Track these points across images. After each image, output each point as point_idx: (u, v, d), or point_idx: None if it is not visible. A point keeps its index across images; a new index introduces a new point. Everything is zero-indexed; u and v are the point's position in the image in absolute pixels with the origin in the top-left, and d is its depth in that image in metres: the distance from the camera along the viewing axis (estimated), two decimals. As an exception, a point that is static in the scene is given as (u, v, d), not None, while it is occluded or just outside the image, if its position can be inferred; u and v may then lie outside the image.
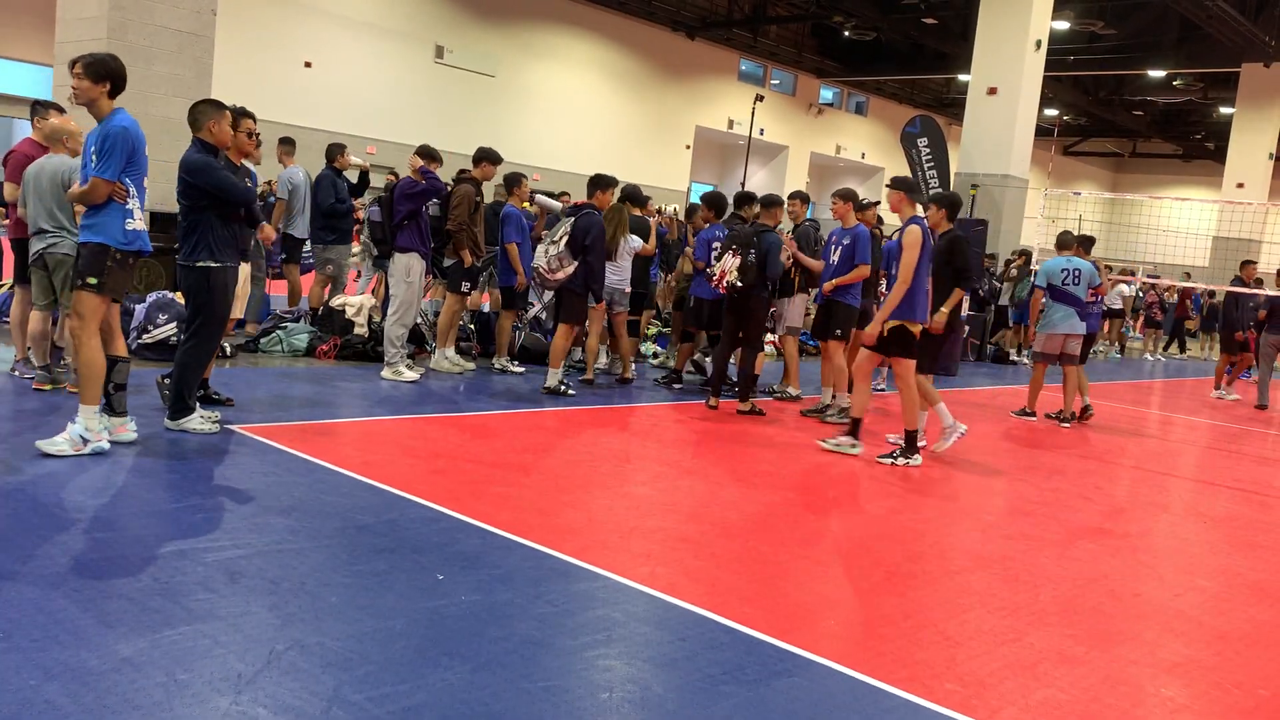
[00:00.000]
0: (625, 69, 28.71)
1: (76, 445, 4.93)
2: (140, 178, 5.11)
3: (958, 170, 16.66)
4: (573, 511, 4.90)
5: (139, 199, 5.09)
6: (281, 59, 21.54)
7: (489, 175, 8.64)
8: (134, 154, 5.03)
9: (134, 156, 5.03)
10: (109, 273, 5.03)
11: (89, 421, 4.98)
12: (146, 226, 5.19)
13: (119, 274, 5.09)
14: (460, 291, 8.68)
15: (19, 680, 2.74)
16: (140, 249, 5.15)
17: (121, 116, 5.04)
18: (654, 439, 6.88)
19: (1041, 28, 16.61)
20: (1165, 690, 3.49)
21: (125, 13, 9.48)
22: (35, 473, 4.61)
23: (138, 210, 5.09)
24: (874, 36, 29.40)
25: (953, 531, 5.29)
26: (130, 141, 4.99)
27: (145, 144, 5.13)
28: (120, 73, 5.09)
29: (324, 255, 9.88)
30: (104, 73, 4.99)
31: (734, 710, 3.00)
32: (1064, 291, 9.39)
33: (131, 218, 5.06)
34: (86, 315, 5.01)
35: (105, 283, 5.03)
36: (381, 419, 6.63)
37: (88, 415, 4.98)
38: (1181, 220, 22.51)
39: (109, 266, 5.03)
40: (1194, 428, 10.73)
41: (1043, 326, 9.58)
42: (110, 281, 5.05)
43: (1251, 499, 7.02)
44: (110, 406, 5.24)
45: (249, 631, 3.17)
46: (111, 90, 5.04)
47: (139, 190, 5.09)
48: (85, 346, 5.01)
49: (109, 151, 4.93)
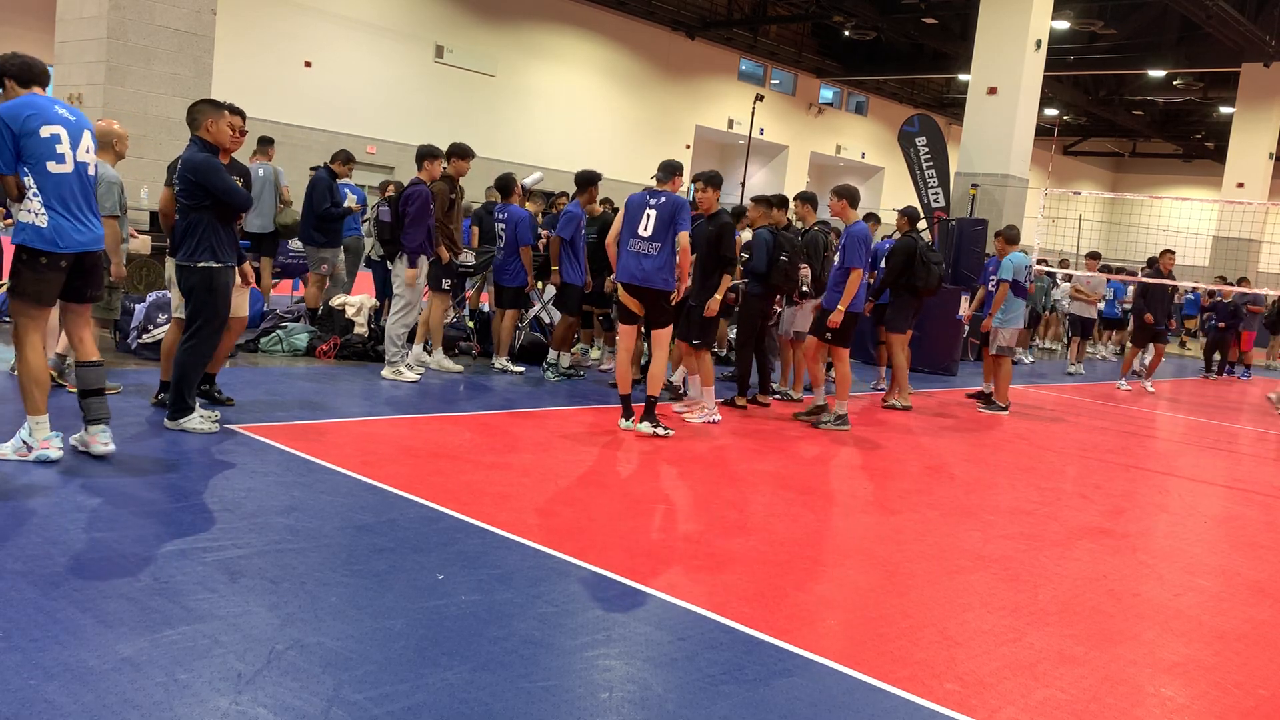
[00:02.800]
0: (625, 69, 28.71)
1: (20, 451, 4.74)
2: (36, 164, 4.58)
3: (958, 170, 16.65)
4: (573, 511, 4.90)
5: (42, 190, 4.59)
6: (281, 59, 21.54)
7: (462, 171, 8.56)
8: (19, 139, 4.54)
9: (22, 143, 4.55)
10: (19, 275, 4.66)
11: (35, 430, 4.75)
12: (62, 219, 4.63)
13: (30, 276, 4.65)
14: (442, 289, 8.69)
15: (19, 680, 2.74)
16: (40, 247, 4.61)
17: (4, 103, 4.61)
18: (653, 439, 6.88)
19: (1041, 28, 16.60)
20: (1165, 690, 3.50)
21: (125, 13, 9.49)
22: (35, 473, 4.61)
23: (32, 204, 4.58)
24: (874, 36, 29.39)
25: (953, 531, 5.29)
26: (2, 126, 4.51)
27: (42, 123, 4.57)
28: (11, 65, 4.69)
29: (318, 255, 9.89)
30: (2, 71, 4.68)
31: (733, 710, 3.00)
32: (1023, 287, 9.91)
33: (24, 209, 4.59)
34: (16, 319, 4.74)
35: (14, 285, 4.67)
36: (381, 419, 6.63)
37: (33, 424, 4.75)
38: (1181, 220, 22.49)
39: (18, 268, 4.67)
40: (1195, 427, 10.73)
41: (1008, 322, 9.88)
42: (20, 285, 4.65)
43: (1251, 499, 7.02)
44: (84, 415, 4.92)
45: (249, 631, 3.18)
46: (19, 82, 4.67)
47: (39, 180, 4.59)
48: (19, 353, 4.76)
49: None
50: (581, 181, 8.96)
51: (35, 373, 4.76)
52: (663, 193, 7.03)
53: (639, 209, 7.05)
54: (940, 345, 12.64)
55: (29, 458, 4.76)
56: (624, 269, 7.10)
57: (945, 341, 12.71)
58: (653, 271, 6.98)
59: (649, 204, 7.02)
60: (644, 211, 7.01)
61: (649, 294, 7.04)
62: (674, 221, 6.91)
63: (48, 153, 4.62)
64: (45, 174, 4.62)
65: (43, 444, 4.78)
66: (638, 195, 7.19)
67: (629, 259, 7.05)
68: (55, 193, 4.65)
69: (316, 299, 9.78)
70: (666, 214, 6.93)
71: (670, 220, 6.92)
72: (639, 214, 7.03)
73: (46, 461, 4.76)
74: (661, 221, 6.94)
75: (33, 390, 4.76)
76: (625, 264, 7.08)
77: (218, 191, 5.54)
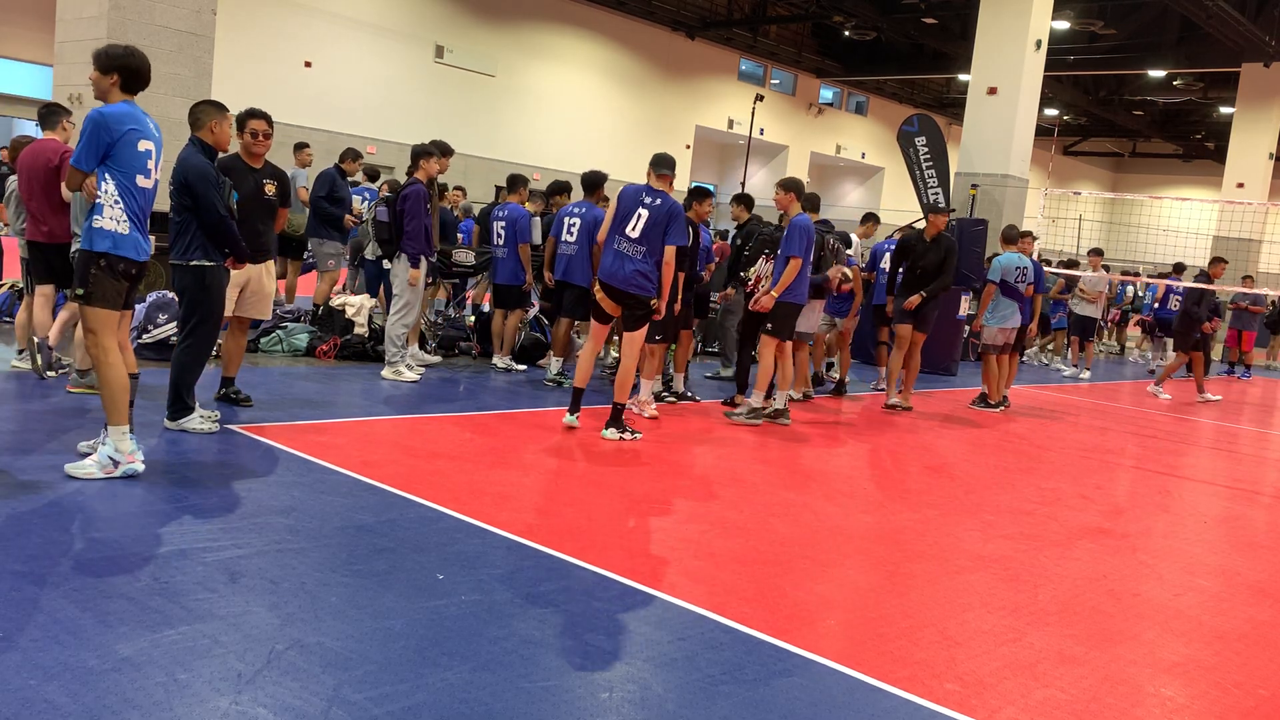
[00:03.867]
0: (625, 69, 28.72)
1: (106, 468, 4.61)
2: (127, 175, 4.66)
3: (958, 170, 16.65)
4: (573, 511, 4.90)
5: (125, 199, 4.66)
6: (281, 59, 21.55)
7: (442, 168, 8.45)
8: (112, 146, 4.59)
9: (113, 149, 4.60)
10: (98, 282, 4.66)
11: (119, 443, 4.65)
12: (136, 230, 4.73)
13: (110, 282, 4.68)
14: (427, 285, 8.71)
15: (19, 680, 2.74)
16: (122, 253, 4.67)
17: (109, 106, 4.66)
18: (653, 439, 6.88)
19: (1041, 28, 16.60)
20: (1164, 690, 3.50)
21: (125, 13, 9.48)
22: (35, 473, 4.61)
23: (114, 210, 4.63)
24: (874, 36, 29.40)
25: (953, 531, 5.29)
26: (101, 131, 4.57)
27: (140, 138, 4.68)
28: (130, 65, 4.70)
29: (323, 252, 9.91)
30: (110, 65, 4.65)
31: (733, 710, 3.00)
32: (1013, 288, 9.91)
33: (100, 215, 4.62)
34: (94, 329, 4.68)
35: (92, 292, 4.66)
36: (381, 419, 6.63)
37: (116, 436, 4.64)
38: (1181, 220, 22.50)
39: (92, 275, 4.65)
40: (1195, 427, 10.73)
41: (997, 320, 9.93)
42: (100, 290, 4.66)
43: (1252, 499, 7.02)
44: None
45: (249, 631, 3.18)
46: (123, 83, 4.70)
47: (124, 189, 4.66)
48: (100, 364, 4.65)
49: (81, 139, 4.56)
50: (589, 184, 8.92)
51: (120, 379, 4.66)
52: (660, 194, 6.70)
53: (633, 204, 6.67)
54: (940, 345, 12.64)
55: (115, 474, 4.63)
56: (605, 267, 6.75)
57: (945, 341, 12.71)
58: (632, 275, 6.64)
59: (643, 202, 6.66)
60: (636, 209, 6.64)
61: (626, 298, 6.71)
62: (666, 230, 6.59)
63: (140, 167, 4.72)
64: (134, 187, 4.70)
65: (129, 457, 4.68)
66: (632, 188, 6.78)
67: (612, 257, 6.69)
68: (137, 205, 4.73)
69: (324, 295, 9.80)
70: (660, 219, 6.60)
71: (661, 226, 6.60)
72: (631, 210, 6.65)
73: (133, 476, 4.66)
74: (653, 226, 6.60)
75: (119, 399, 4.64)
76: (607, 261, 6.73)
77: (200, 201, 5.46)
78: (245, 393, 6.52)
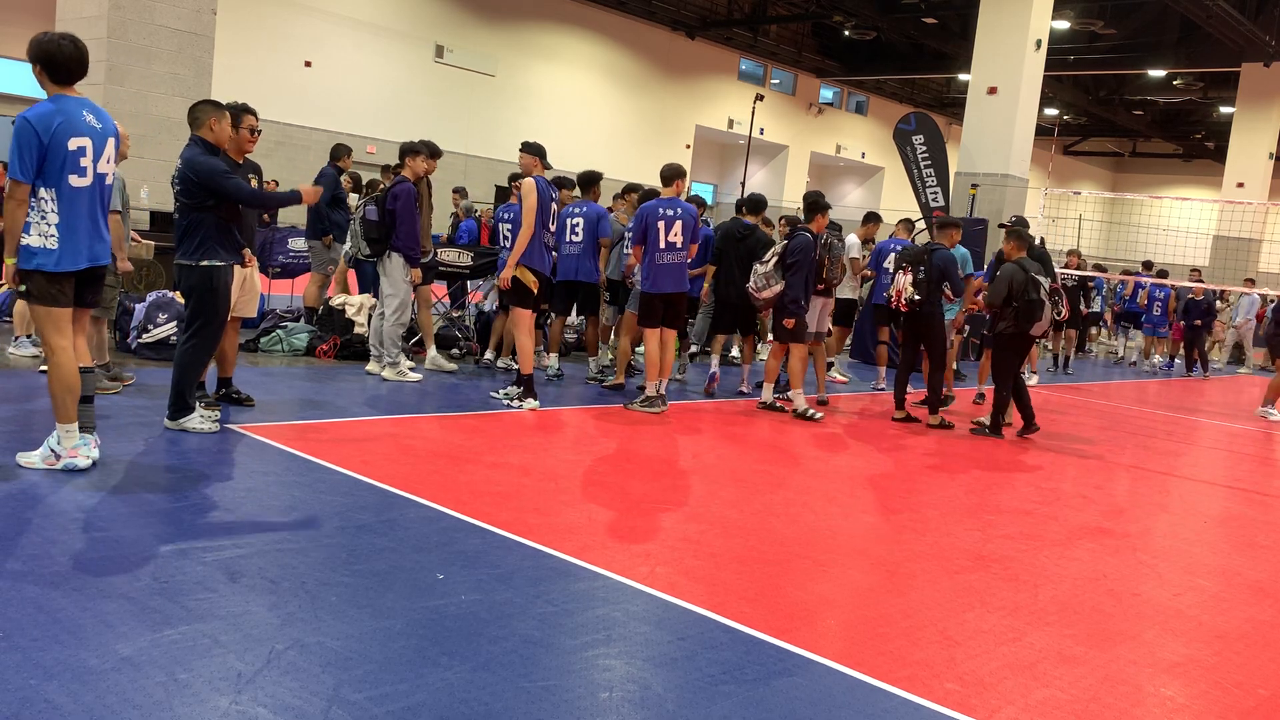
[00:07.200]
0: (625, 69, 28.71)
1: (48, 459, 4.64)
2: (55, 182, 4.39)
3: (958, 170, 16.64)
4: (573, 511, 4.90)
5: (58, 209, 4.40)
6: (281, 59, 21.54)
7: (430, 169, 8.34)
8: (48, 151, 4.31)
9: (49, 155, 4.32)
10: (33, 281, 4.51)
11: (63, 437, 4.64)
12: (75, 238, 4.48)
13: (43, 283, 4.51)
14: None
15: (19, 680, 2.74)
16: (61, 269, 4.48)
17: (34, 107, 4.36)
18: (654, 439, 6.89)
19: (1041, 27, 16.59)
20: (1164, 690, 3.50)
21: (125, 13, 9.49)
22: (35, 473, 4.61)
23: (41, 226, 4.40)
24: (874, 36, 29.40)
25: (953, 531, 5.29)
26: (28, 135, 4.29)
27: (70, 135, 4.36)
28: (48, 53, 4.39)
29: (325, 255, 9.89)
30: (31, 55, 4.40)
31: (733, 710, 3.00)
32: None
33: (27, 233, 4.38)
34: (39, 325, 4.63)
35: (31, 291, 4.53)
36: (382, 419, 6.63)
37: (61, 431, 4.64)
38: (1182, 220, 22.48)
39: (32, 276, 4.52)
40: (1196, 427, 10.73)
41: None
42: (35, 290, 4.51)
43: (1252, 499, 7.02)
44: None
45: (249, 631, 3.18)
46: (49, 75, 4.43)
47: (56, 198, 4.40)
48: (48, 361, 4.63)
49: (11, 145, 4.29)
50: (584, 182, 8.95)
51: (65, 378, 4.62)
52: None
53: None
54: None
55: (56, 467, 4.65)
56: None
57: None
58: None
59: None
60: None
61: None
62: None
63: (71, 166, 4.44)
64: (64, 188, 4.45)
65: (71, 452, 4.67)
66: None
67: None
68: (70, 208, 4.49)
69: (316, 299, 9.77)
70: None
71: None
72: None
73: (74, 470, 4.67)
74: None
75: (64, 397, 4.62)
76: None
77: (224, 193, 5.50)
78: (245, 392, 6.53)
